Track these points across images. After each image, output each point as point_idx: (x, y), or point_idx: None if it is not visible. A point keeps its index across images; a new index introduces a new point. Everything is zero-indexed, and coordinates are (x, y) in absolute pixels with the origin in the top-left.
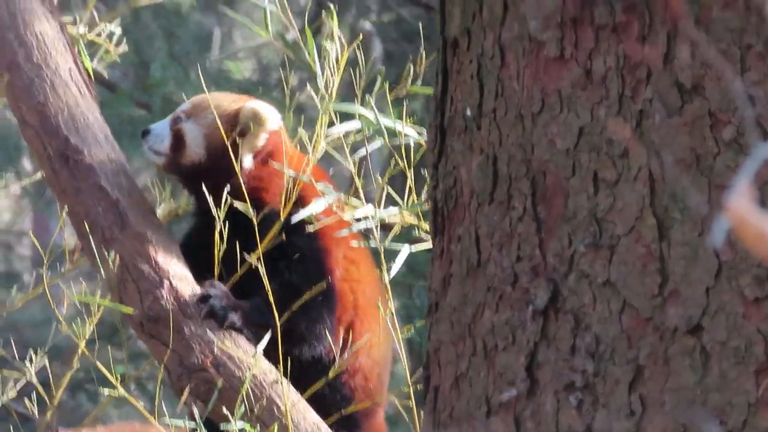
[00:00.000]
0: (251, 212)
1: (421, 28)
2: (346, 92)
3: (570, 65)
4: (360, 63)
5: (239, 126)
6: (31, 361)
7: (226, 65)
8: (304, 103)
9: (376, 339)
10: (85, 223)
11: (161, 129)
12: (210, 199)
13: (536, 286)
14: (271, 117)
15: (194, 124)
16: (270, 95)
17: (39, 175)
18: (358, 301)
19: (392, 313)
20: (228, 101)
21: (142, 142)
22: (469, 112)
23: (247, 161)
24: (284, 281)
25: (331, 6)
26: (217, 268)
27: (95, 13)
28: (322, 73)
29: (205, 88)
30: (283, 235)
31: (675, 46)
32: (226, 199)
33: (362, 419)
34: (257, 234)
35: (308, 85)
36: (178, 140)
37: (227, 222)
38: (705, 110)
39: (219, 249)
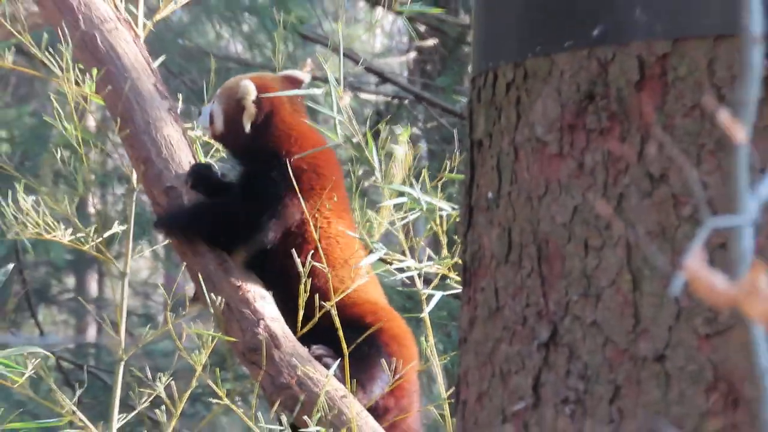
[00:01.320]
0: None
1: (455, 133)
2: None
3: (567, 160)
4: (410, 158)
5: (236, 101)
6: (160, 380)
7: None
8: (367, 188)
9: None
10: (201, 277)
11: (205, 110)
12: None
13: (540, 326)
14: (248, 89)
15: (217, 104)
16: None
17: (167, 241)
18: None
19: (432, 346)
20: (235, 82)
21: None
22: (490, 195)
23: (247, 128)
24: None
25: (402, 126)
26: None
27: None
28: (380, 166)
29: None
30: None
31: (647, 146)
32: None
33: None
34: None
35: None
36: (210, 118)
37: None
38: (669, 194)
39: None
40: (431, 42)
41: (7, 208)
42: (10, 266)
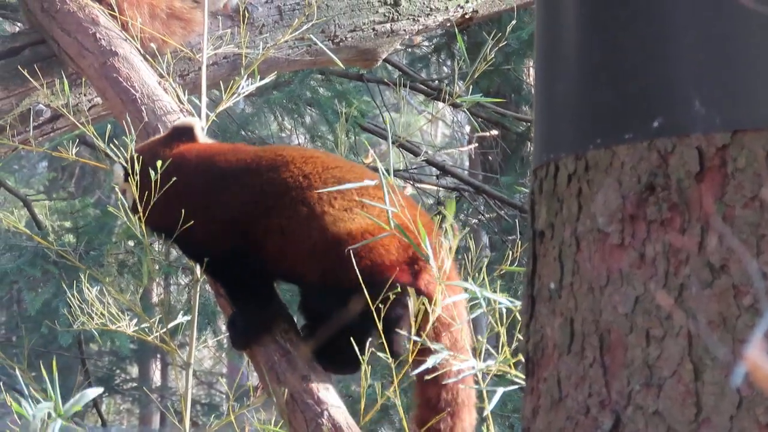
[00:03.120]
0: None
1: (516, 224)
2: (463, 273)
3: (628, 250)
4: (471, 249)
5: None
6: None
7: None
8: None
9: None
10: (264, 369)
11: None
12: None
13: (603, 416)
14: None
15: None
16: None
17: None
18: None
19: None
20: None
21: None
22: (552, 286)
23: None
24: None
25: (445, 205)
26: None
27: None
28: (436, 258)
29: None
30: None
31: (707, 236)
32: None
33: None
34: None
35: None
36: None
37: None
38: (729, 284)
39: None
40: (492, 133)
41: (73, 299)
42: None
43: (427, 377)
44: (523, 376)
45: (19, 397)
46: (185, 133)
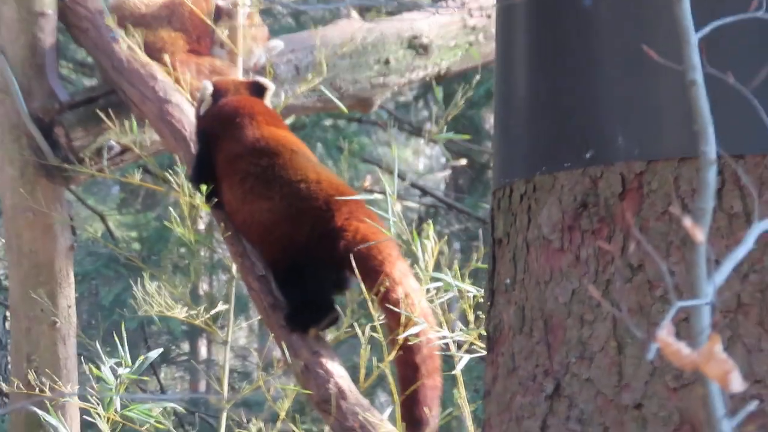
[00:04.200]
0: None
1: (480, 233)
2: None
3: (567, 254)
4: (445, 252)
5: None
6: (254, 422)
7: None
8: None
9: None
10: (285, 345)
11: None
12: None
13: (547, 382)
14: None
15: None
16: None
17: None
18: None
19: (464, 398)
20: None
21: None
22: (508, 281)
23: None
24: None
25: (430, 221)
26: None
27: None
28: (423, 257)
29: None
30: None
31: (628, 243)
32: None
33: None
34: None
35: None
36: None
37: None
38: (645, 280)
39: None
40: (462, 162)
41: (138, 292)
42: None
43: (409, 342)
44: (486, 349)
45: (99, 364)
46: (259, 90)
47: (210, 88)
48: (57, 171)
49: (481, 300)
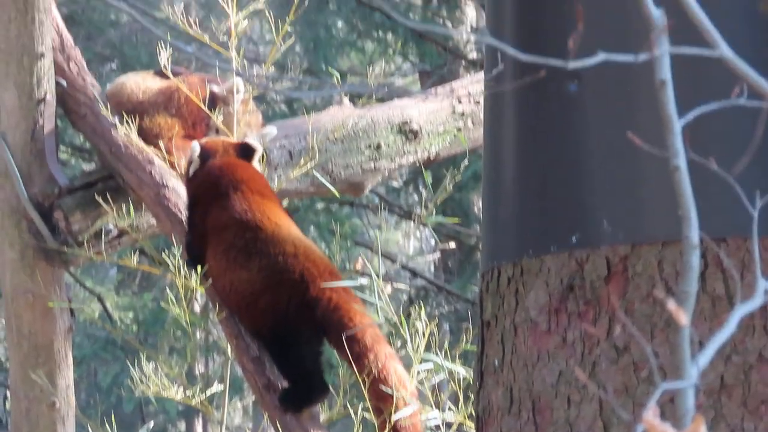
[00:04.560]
0: None
1: (469, 315)
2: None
3: (554, 336)
4: (435, 333)
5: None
6: None
7: None
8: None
9: None
10: (279, 424)
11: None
12: None
13: None
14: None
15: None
16: None
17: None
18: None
19: None
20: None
21: None
22: (496, 362)
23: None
24: None
25: (420, 304)
26: None
27: None
28: (411, 341)
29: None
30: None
31: (613, 325)
32: None
33: None
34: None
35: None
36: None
37: None
38: (631, 361)
39: None
40: (450, 245)
41: (134, 373)
42: (152, 423)
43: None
44: (475, 430)
45: None
46: (247, 152)
47: (198, 150)
48: (56, 254)
49: (471, 381)
